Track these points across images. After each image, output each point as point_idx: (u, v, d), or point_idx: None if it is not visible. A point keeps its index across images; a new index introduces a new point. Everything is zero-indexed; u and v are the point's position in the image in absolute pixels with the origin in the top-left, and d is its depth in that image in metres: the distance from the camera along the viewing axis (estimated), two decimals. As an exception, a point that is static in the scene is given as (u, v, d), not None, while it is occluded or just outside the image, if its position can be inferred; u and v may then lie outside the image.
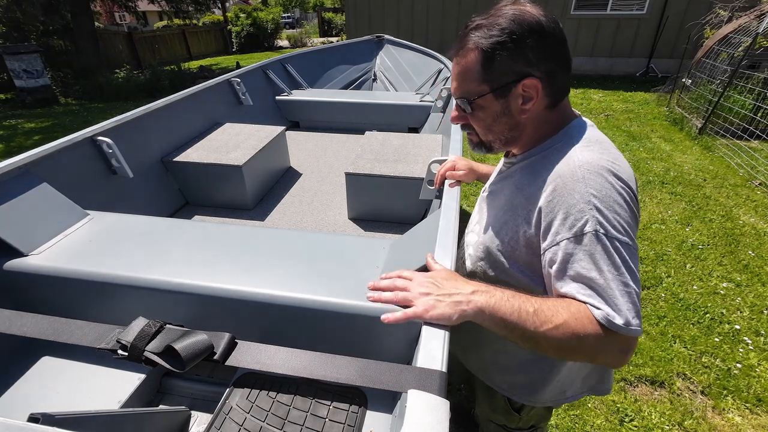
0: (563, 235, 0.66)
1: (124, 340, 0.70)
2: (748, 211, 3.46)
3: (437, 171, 1.34)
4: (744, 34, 5.02)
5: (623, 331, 0.60)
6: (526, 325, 0.64)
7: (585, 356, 0.65)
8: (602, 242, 0.63)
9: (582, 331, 0.61)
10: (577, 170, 0.67)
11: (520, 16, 0.69)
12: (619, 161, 0.70)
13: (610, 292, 0.62)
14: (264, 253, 1.18)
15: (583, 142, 0.73)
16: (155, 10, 17.49)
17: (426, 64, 3.76)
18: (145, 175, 2.00)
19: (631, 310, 0.61)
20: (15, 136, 6.14)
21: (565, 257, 0.66)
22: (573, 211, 0.65)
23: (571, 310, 0.63)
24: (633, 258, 0.64)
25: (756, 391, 1.90)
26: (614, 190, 0.65)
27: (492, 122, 0.77)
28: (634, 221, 0.67)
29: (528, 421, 1.05)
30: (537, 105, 0.74)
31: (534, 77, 0.71)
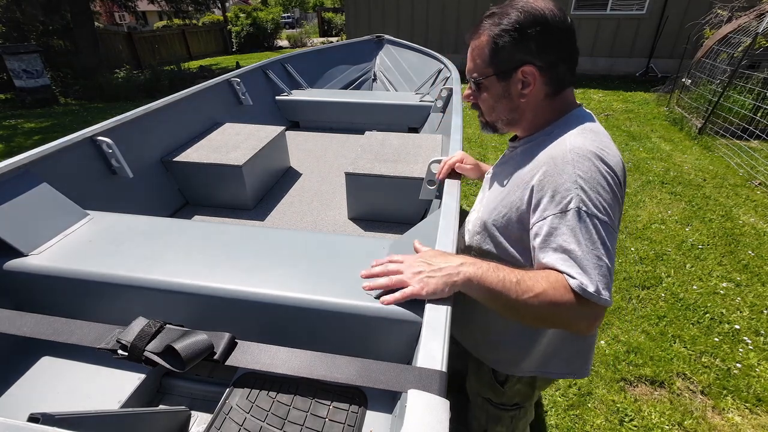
0: (550, 211, 0.72)
1: (124, 340, 0.70)
2: (748, 211, 3.46)
3: (444, 161, 1.37)
4: (744, 34, 5.02)
5: (594, 299, 0.66)
6: (510, 293, 0.69)
7: (561, 323, 0.72)
8: (583, 219, 0.69)
9: (559, 299, 0.67)
10: (568, 153, 0.73)
11: (528, 9, 0.76)
12: (608, 149, 0.76)
13: (585, 264, 0.67)
14: (264, 253, 1.18)
15: (578, 130, 0.79)
16: (155, 10, 17.48)
17: (426, 64, 3.76)
18: (145, 175, 2.00)
19: (602, 282, 0.67)
20: (15, 136, 6.14)
21: (550, 231, 0.71)
22: (560, 189, 0.71)
23: (550, 280, 0.68)
24: (610, 236, 0.70)
25: (756, 391, 1.90)
26: (599, 173, 0.71)
27: (494, 103, 0.86)
28: (616, 203, 0.73)
29: (512, 396, 1.10)
30: (535, 92, 0.81)
31: (533, 65, 0.78)
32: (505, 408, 1.14)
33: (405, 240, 1.20)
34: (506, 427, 1.19)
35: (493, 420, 1.19)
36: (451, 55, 4.53)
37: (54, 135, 5.85)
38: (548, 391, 1.92)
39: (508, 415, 1.16)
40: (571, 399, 1.88)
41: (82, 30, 9.88)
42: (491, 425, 1.20)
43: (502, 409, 1.15)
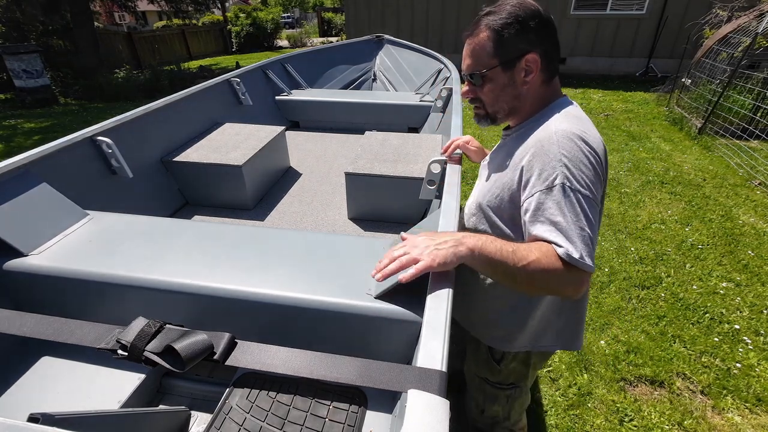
0: (537, 187, 0.80)
1: (124, 340, 0.70)
2: (748, 210, 3.46)
3: (452, 140, 1.43)
4: (743, 34, 5.02)
5: (579, 265, 0.73)
6: (507, 261, 0.76)
7: (551, 288, 0.78)
8: (567, 193, 0.76)
9: (549, 266, 0.74)
10: (553, 135, 0.81)
11: (523, 5, 0.86)
12: (589, 131, 0.83)
13: (570, 234, 0.75)
14: (264, 253, 1.18)
15: (562, 115, 0.87)
16: (155, 10, 17.49)
17: (426, 64, 3.76)
18: (144, 175, 2.00)
19: (585, 249, 0.74)
20: (14, 136, 6.14)
21: (538, 205, 0.79)
22: (547, 167, 0.79)
23: (542, 250, 0.76)
24: (592, 209, 0.77)
25: (755, 391, 1.90)
26: (581, 152, 0.79)
27: (500, 92, 0.92)
28: (598, 179, 0.80)
29: (508, 375, 1.16)
30: (535, 78, 0.90)
31: (535, 53, 0.87)
32: (502, 387, 1.18)
33: None
34: (502, 407, 1.23)
35: (490, 399, 1.22)
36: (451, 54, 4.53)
37: (54, 135, 5.84)
38: (548, 391, 1.92)
39: (504, 395, 1.20)
40: (570, 399, 1.88)
41: (82, 30, 9.87)
42: (488, 405, 1.24)
43: (498, 388, 1.19)
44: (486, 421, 1.29)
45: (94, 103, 8.55)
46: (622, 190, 3.86)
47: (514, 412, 1.25)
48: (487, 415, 1.27)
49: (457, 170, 1.32)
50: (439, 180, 1.55)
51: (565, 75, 9.05)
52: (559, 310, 1.03)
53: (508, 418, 1.26)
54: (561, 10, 8.75)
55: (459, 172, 1.33)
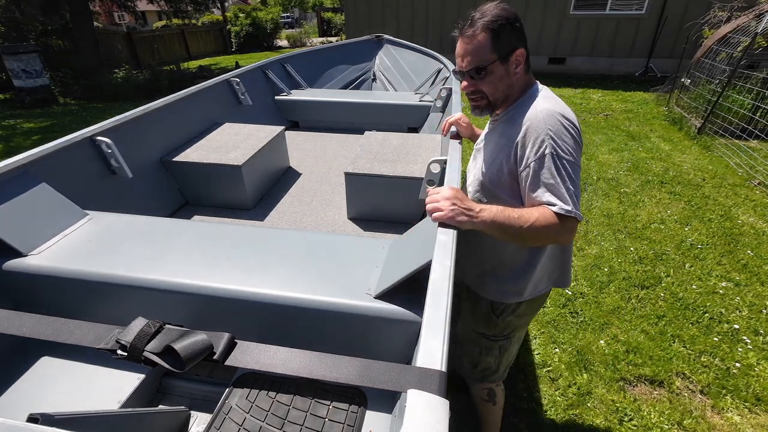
0: (531, 158, 0.98)
1: (124, 340, 0.70)
2: (747, 210, 3.46)
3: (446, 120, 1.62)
4: (743, 34, 5.02)
5: (570, 214, 0.93)
6: (514, 225, 0.95)
7: (551, 238, 0.98)
8: (554, 160, 0.95)
9: (548, 222, 0.94)
10: (539, 114, 1.00)
11: (506, 8, 1.03)
12: (565, 109, 1.02)
13: (561, 192, 0.94)
14: (263, 253, 1.18)
15: (542, 98, 1.05)
16: (154, 9, 17.46)
17: (425, 64, 3.76)
18: (144, 175, 2.00)
19: (573, 203, 0.94)
20: (14, 136, 6.14)
21: (533, 173, 0.98)
22: (537, 141, 0.97)
23: (540, 210, 0.95)
24: (575, 171, 0.97)
25: (755, 391, 1.91)
26: (563, 126, 0.97)
27: (498, 83, 1.08)
28: (578, 146, 0.99)
29: (504, 328, 1.30)
30: (522, 70, 1.07)
31: (522, 48, 1.05)
32: (496, 339, 1.33)
33: (404, 240, 1.20)
34: (495, 358, 1.37)
35: (485, 352, 1.37)
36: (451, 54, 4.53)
37: (53, 135, 5.84)
38: (548, 390, 1.92)
39: (498, 345, 1.35)
40: (570, 399, 1.88)
41: (82, 30, 9.86)
42: (483, 357, 1.38)
43: (493, 340, 1.34)
44: (477, 375, 1.43)
45: (94, 103, 8.54)
46: (622, 190, 3.86)
47: (503, 365, 1.40)
48: (479, 369, 1.41)
49: (457, 170, 1.33)
50: (439, 180, 1.55)
51: (565, 75, 9.05)
52: (552, 255, 1.20)
53: (497, 371, 1.40)
54: (561, 10, 8.75)
55: (459, 172, 1.33)
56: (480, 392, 1.49)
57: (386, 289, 0.98)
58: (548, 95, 1.07)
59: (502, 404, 1.54)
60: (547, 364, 2.07)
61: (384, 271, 1.08)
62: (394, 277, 0.98)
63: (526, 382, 1.97)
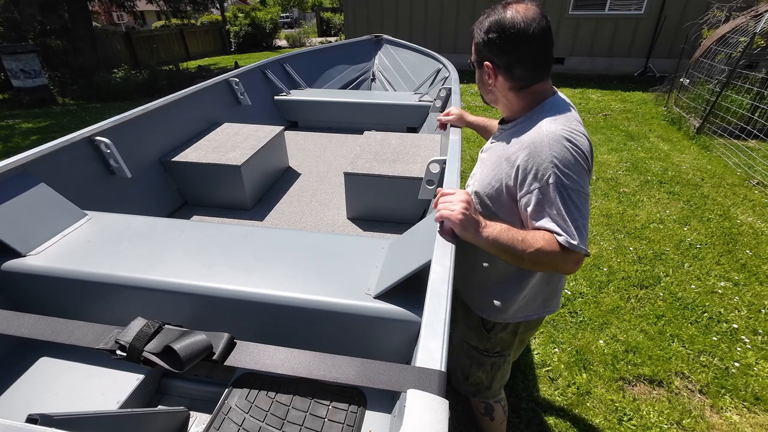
0: (534, 185, 0.92)
1: (123, 340, 0.70)
2: (746, 210, 3.47)
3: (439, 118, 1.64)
4: (741, 34, 5.03)
5: (576, 249, 0.88)
6: (516, 248, 0.90)
7: (552, 267, 0.93)
8: (560, 190, 0.89)
9: (552, 251, 0.89)
10: (544, 138, 0.92)
11: (496, 18, 0.95)
12: (575, 131, 0.93)
13: (566, 225, 0.89)
14: (263, 253, 1.18)
15: (551, 116, 0.96)
16: (153, 9, 17.44)
17: (424, 64, 3.76)
18: (143, 175, 2.00)
19: (580, 236, 0.89)
20: (12, 136, 6.12)
21: (537, 201, 0.92)
22: (540, 168, 0.90)
23: (546, 238, 0.90)
24: (582, 200, 0.91)
25: (754, 390, 1.91)
26: (569, 152, 0.90)
27: (478, 81, 1.08)
28: (585, 173, 0.92)
29: (495, 344, 1.25)
30: (498, 85, 1.01)
31: (492, 63, 0.99)
32: (488, 354, 1.28)
33: (404, 239, 1.20)
34: (486, 374, 1.32)
35: (476, 366, 1.31)
36: (450, 54, 4.53)
37: (52, 135, 5.83)
38: (547, 390, 1.92)
39: (490, 362, 1.29)
40: (570, 398, 1.88)
41: (80, 30, 9.84)
42: (473, 371, 1.33)
43: (485, 355, 1.28)
44: (469, 388, 1.38)
45: (93, 103, 8.53)
46: (621, 190, 3.86)
47: (496, 382, 1.35)
48: (471, 382, 1.35)
49: (456, 170, 1.33)
50: (438, 180, 1.55)
51: (564, 75, 9.06)
52: (548, 279, 1.15)
53: (489, 388, 1.35)
54: (559, 10, 8.75)
55: (458, 172, 1.34)
56: (477, 404, 1.44)
57: (386, 289, 0.98)
58: (560, 112, 0.97)
59: (502, 421, 1.47)
60: (546, 363, 2.07)
61: (383, 271, 1.08)
62: (394, 277, 0.98)
63: (526, 381, 1.97)
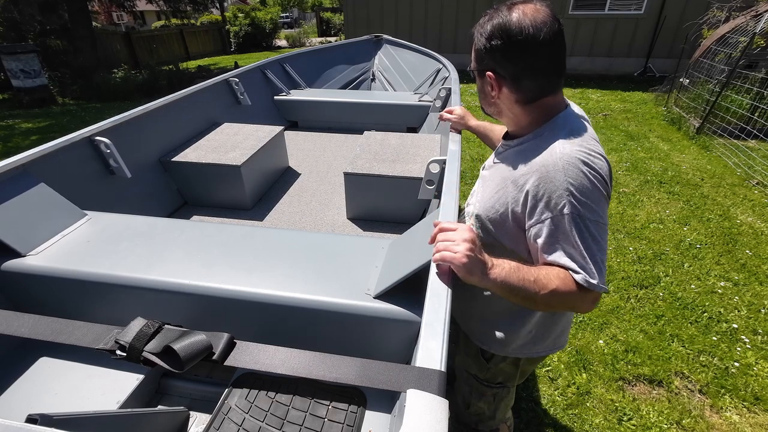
0: (546, 215, 0.81)
1: (123, 340, 0.70)
2: (746, 210, 3.47)
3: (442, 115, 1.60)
4: (741, 34, 5.03)
5: (596, 289, 0.79)
6: (528, 290, 0.80)
7: (567, 307, 0.87)
8: (576, 222, 0.79)
9: (567, 292, 0.80)
10: (558, 161, 0.81)
11: (500, 21, 0.83)
12: (593, 152, 0.82)
13: (584, 261, 0.80)
14: (263, 253, 1.18)
15: (565, 135, 0.85)
16: (153, 9, 17.43)
17: (424, 64, 3.76)
18: (143, 175, 2.00)
19: (599, 274, 0.80)
20: (12, 136, 6.12)
21: (549, 233, 0.82)
22: (554, 196, 0.80)
23: (561, 277, 0.80)
24: (601, 231, 0.81)
25: (754, 390, 1.91)
26: (587, 178, 0.79)
27: (479, 92, 0.96)
28: (604, 200, 0.82)
29: (496, 374, 1.16)
30: (503, 97, 0.89)
31: (496, 73, 0.86)
32: (489, 385, 1.19)
33: (404, 239, 1.20)
34: (488, 405, 1.24)
35: (476, 395, 1.24)
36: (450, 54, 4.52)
37: (52, 135, 5.83)
38: (547, 390, 1.92)
39: (492, 393, 1.21)
40: (569, 398, 1.88)
41: (80, 30, 9.84)
42: (474, 401, 1.25)
43: (486, 385, 1.20)
44: (471, 418, 1.30)
45: (92, 103, 8.53)
46: (621, 190, 3.86)
47: (500, 412, 1.26)
48: (472, 411, 1.28)
49: (456, 170, 1.33)
50: (438, 180, 1.55)
51: (564, 75, 9.05)
52: (555, 316, 1.04)
53: (493, 417, 1.27)
54: (559, 10, 8.76)
55: (458, 172, 1.34)
56: None
57: (385, 289, 0.98)
58: (574, 131, 0.85)
59: None
60: (546, 363, 2.07)
61: (383, 271, 1.08)
62: (394, 277, 0.98)
63: (526, 381, 1.97)
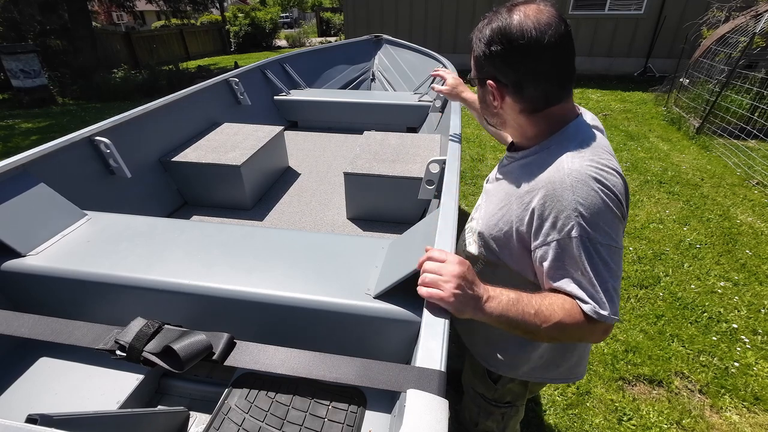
0: (553, 236, 0.75)
1: (123, 340, 0.70)
2: (746, 210, 3.47)
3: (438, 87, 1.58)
4: (741, 34, 5.03)
5: (606, 320, 0.72)
6: (528, 323, 0.74)
7: (574, 339, 0.79)
8: (585, 246, 0.72)
9: (574, 324, 0.73)
10: (566, 178, 0.73)
11: (500, 25, 0.75)
12: (606, 167, 0.74)
13: (593, 290, 0.72)
14: (262, 253, 1.18)
15: (574, 148, 0.77)
16: (153, 9, 17.43)
17: (424, 63, 3.76)
18: (143, 175, 2.00)
19: (610, 303, 0.72)
20: (12, 136, 6.12)
21: (555, 256, 0.75)
22: (561, 216, 0.73)
23: (566, 308, 0.73)
24: (614, 256, 0.73)
25: (753, 390, 1.91)
26: (599, 197, 0.71)
27: (481, 101, 0.90)
28: (618, 221, 0.74)
29: (504, 395, 1.12)
30: (506, 106, 0.82)
31: (497, 81, 0.80)
32: (498, 405, 1.16)
33: (404, 239, 1.20)
34: (497, 423, 1.21)
35: (484, 415, 1.21)
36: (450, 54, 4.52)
37: (52, 135, 5.83)
38: (547, 390, 1.92)
39: (500, 412, 1.18)
40: (569, 398, 1.88)
41: (80, 30, 9.84)
42: (482, 419, 1.22)
43: (494, 405, 1.16)
44: None
45: (92, 103, 8.53)
46: (621, 190, 3.87)
47: (509, 429, 1.23)
48: (480, 429, 1.24)
49: (456, 170, 1.33)
50: (438, 180, 1.55)
51: (564, 75, 9.05)
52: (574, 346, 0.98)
53: None
54: (559, 10, 8.74)
55: (458, 172, 1.34)
56: None
57: (385, 289, 0.98)
58: (585, 142, 0.78)
59: None
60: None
61: (383, 271, 1.08)
62: (394, 277, 0.98)
63: (526, 381, 1.97)
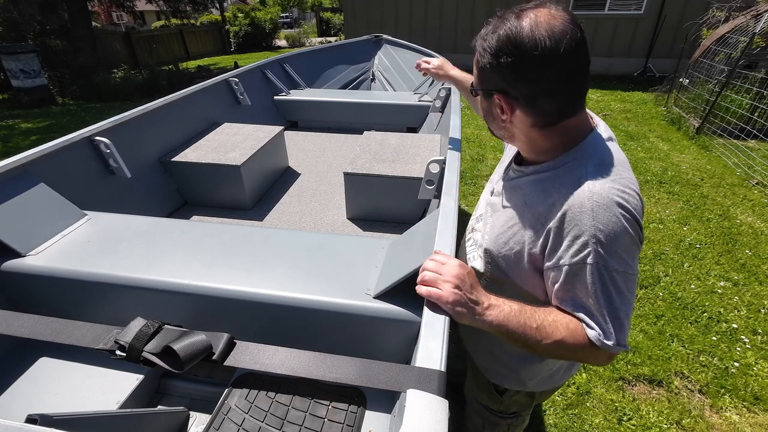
0: (566, 260, 0.72)
1: (123, 340, 0.70)
2: (746, 210, 3.47)
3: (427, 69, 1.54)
4: (741, 34, 5.03)
5: (608, 349, 0.70)
6: (528, 337, 0.72)
7: (576, 360, 0.77)
8: (601, 274, 0.69)
9: (576, 346, 0.71)
10: (586, 202, 0.69)
11: (510, 33, 0.68)
12: (628, 189, 0.70)
13: (602, 318, 0.70)
14: (262, 253, 1.18)
15: (594, 167, 0.72)
16: (153, 9, 17.43)
17: None
18: (143, 175, 1.99)
19: (619, 333, 0.70)
20: (12, 136, 6.12)
21: (567, 279, 0.72)
22: (578, 241, 0.70)
23: (570, 328, 0.72)
24: (628, 282, 0.71)
25: (753, 390, 1.91)
26: (620, 223, 0.68)
27: (485, 114, 0.83)
28: (637, 246, 0.71)
29: (510, 406, 1.10)
30: (516, 120, 0.75)
31: (506, 94, 0.72)
32: (504, 416, 1.14)
33: (403, 240, 1.20)
34: None
35: (489, 427, 1.19)
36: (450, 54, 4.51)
37: (52, 135, 5.83)
38: (547, 390, 1.93)
39: (506, 423, 1.15)
40: (569, 398, 1.88)
41: (80, 30, 9.84)
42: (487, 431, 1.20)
43: (500, 416, 1.14)
44: None
45: (92, 103, 8.53)
46: (621, 190, 3.87)
47: None
48: None
49: (456, 170, 1.33)
50: (438, 180, 1.55)
51: (564, 75, 9.05)
52: None
53: None
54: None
55: (458, 172, 1.34)
56: None
57: (385, 289, 0.98)
58: (606, 160, 0.73)
59: None
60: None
61: (383, 271, 1.08)
62: (394, 277, 0.98)
63: (526, 381, 1.97)
